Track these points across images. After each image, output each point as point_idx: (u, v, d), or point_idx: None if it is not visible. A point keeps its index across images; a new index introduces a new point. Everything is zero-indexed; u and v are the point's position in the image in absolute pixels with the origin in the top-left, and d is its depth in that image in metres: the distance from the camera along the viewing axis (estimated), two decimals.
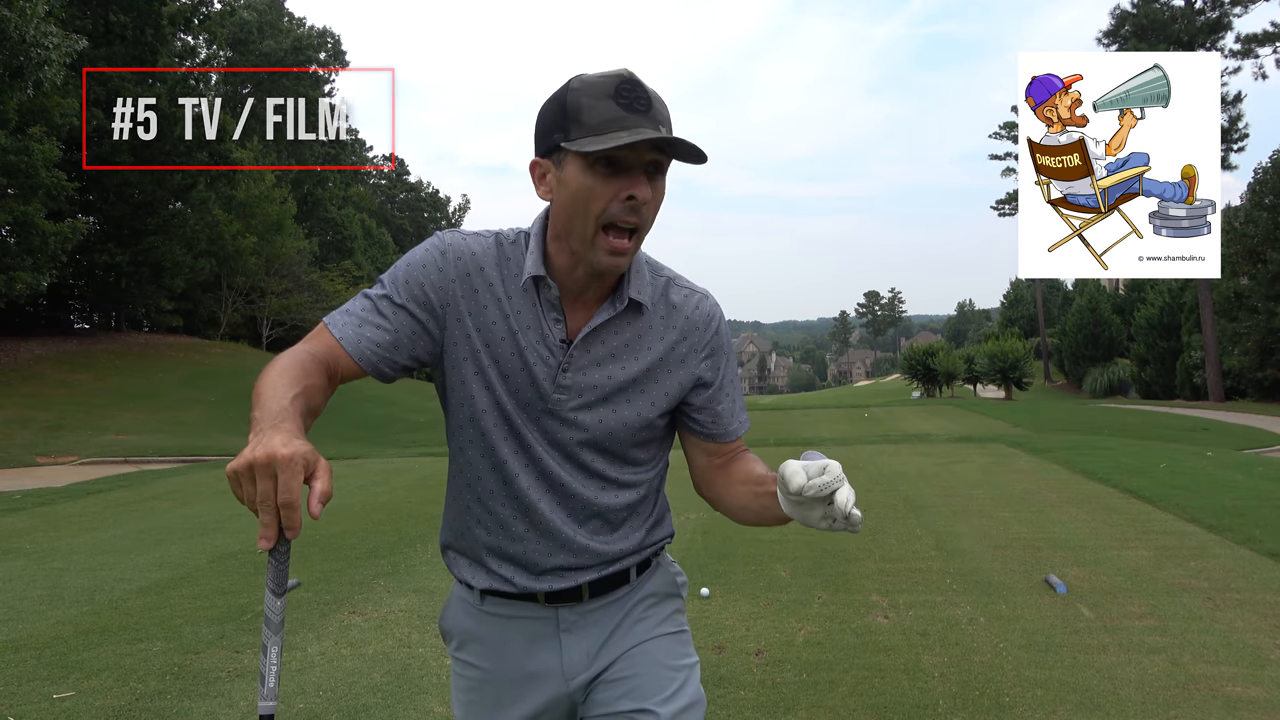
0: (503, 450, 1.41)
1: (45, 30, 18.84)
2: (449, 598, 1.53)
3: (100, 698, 3.58)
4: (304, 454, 1.08)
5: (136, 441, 18.88)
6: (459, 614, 1.50)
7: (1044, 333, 65.03)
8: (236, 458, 1.06)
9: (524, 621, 1.45)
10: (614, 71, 1.29)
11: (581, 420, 1.40)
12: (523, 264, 1.38)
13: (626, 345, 1.41)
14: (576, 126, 1.27)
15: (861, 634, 4.05)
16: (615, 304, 1.39)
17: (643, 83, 1.29)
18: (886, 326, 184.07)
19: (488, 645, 1.47)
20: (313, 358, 1.31)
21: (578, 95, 1.28)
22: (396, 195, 75.50)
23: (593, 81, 1.29)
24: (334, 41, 53.26)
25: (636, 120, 1.26)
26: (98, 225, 31.41)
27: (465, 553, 1.48)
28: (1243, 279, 34.33)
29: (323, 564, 5.86)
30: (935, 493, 7.98)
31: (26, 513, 8.82)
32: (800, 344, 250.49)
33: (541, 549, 1.43)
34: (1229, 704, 3.17)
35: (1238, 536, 5.74)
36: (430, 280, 1.37)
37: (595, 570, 1.46)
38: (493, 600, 1.46)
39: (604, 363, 1.40)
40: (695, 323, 1.46)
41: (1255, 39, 34.97)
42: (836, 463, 1.22)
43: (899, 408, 32.33)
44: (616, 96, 1.26)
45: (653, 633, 1.49)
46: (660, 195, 1.33)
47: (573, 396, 1.39)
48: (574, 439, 1.41)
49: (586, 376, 1.39)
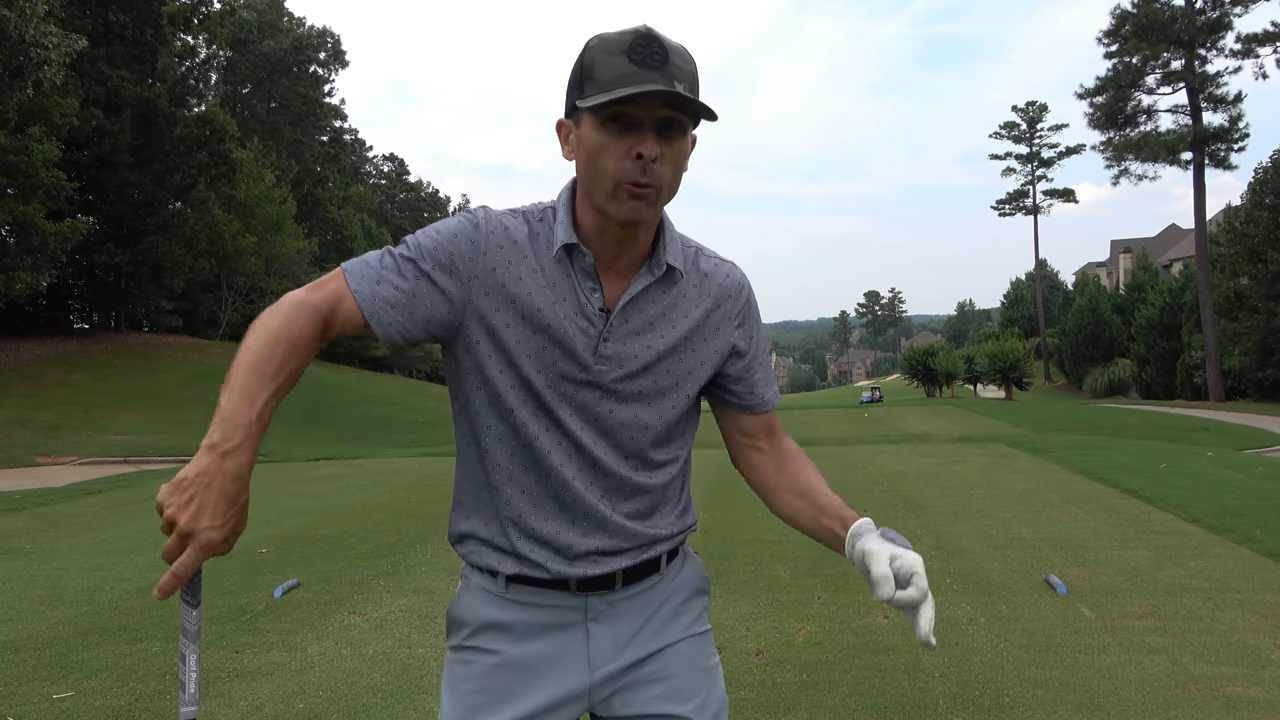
0: (532, 428, 1.35)
1: (45, 30, 18.84)
2: (463, 587, 1.45)
3: (100, 698, 3.57)
4: (221, 544, 1.14)
5: (136, 441, 18.88)
6: (478, 603, 1.41)
7: (1044, 333, 65.04)
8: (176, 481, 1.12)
9: (552, 610, 1.39)
10: (632, 28, 1.26)
11: (622, 391, 1.36)
12: (553, 236, 1.34)
13: (663, 314, 1.38)
14: (590, 84, 1.24)
15: (861, 634, 4.05)
16: (653, 270, 1.35)
17: (660, 37, 1.25)
18: (886, 326, 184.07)
19: (512, 632, 1.39)
20: (312, 318, 1.27)
21: (593, 53, 1.26)
22: (396, 195, 75.53)
23: (609, 39, 1.26)
24: (334, 41, 53.26)
25: (647, 76, 1.22)
26: (98, 225, 31.40)
27: (490, 540, 1.40)
28: (1243, 279, 34.34)
29: (323, 564, 5.86)
30: (935, 493, 7.97)
31: (26, 513, 8.82)
32: (800, 344, 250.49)
33: (576, 531, 1.38)
34: (1229, 704, 3.17)
35: (1238, 536, 5.74)
36: (460, 251, 1.31)
37: (630, 555, 1.41)
38: (519, 588, 1.39)
39: (643, 332, 1.36)
40: (728, 290, 1.45)
41: (1255, 39, 34.97)
42: (920, 564, 1.26)
43: (898, 407, 32.32)
44: (630, 52, 1.23)
45: (687, 632, 1.46)
46: (679, 154, 1.29)
47: (614, 367, 1.35)
48: (612, 412, 1.37)
49: (627, 346, 1.35)
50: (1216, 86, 36.46)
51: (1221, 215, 41.90)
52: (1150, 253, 65.85)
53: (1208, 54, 36.64)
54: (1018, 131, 66.50)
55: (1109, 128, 39.50)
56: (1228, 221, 35.94)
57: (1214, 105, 36.79)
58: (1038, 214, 67.15)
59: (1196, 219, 37.25)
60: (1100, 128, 39.76)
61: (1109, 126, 39.46)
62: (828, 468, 10.79)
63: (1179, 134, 37.01)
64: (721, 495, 8.23)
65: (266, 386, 1.23)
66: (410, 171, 77.68)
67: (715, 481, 9.26)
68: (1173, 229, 76.06)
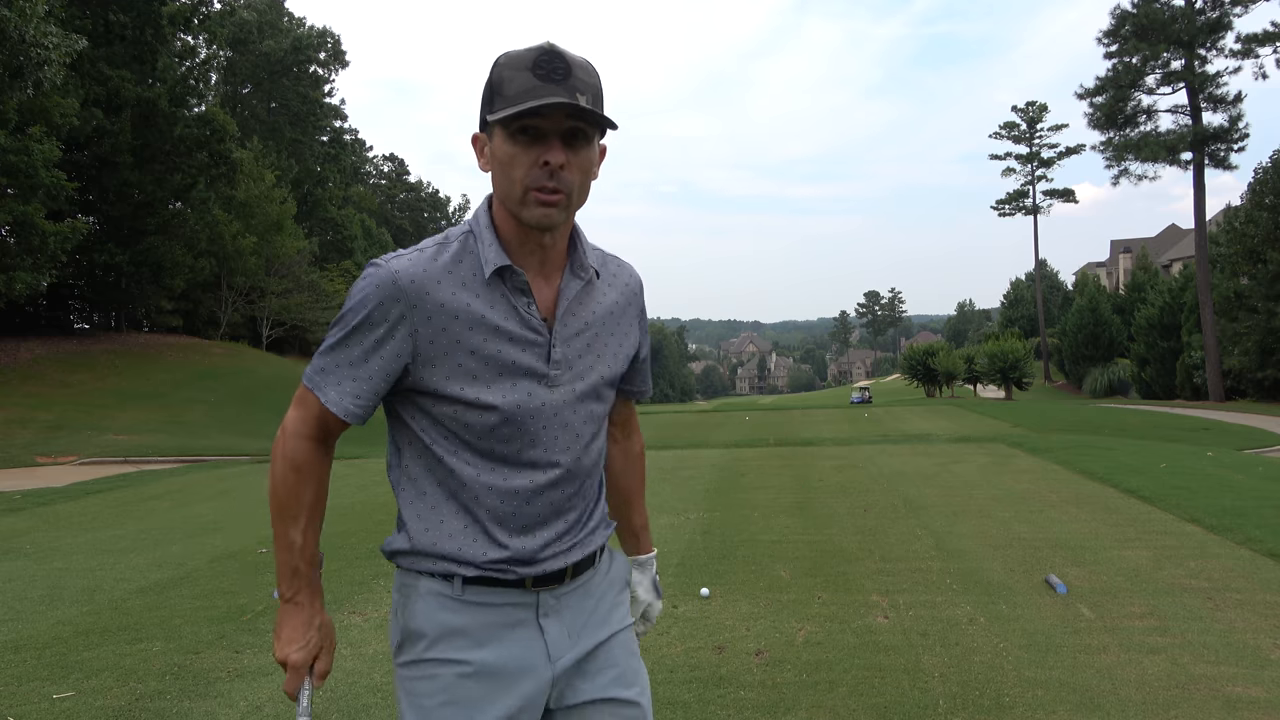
0: (494, 439, 1.42)
1: (45, 30, 18.83)
2: (407, 599, 1.47)
3: (100, 698, 3.58)
4: (315, 658, 1.48)
5: (136, 441, 18.88)
6: (431, 610, 1.43)
7: (1044, 333, 65.02)
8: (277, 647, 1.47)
9: (507, 609, 1.44)
10: (538, 45, 1.34)
11: (575, 390, 1.46)
12: (479, 257, 1.40)
13: (593, 314, 1.50)
14: (499, 99, 1.33)
15: (861, 634, 4.05)
16: (579, 275, 1.46)
17: (563, 53, 1.33)
18: (886, 326, 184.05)
19: (471, 637, 1.42)
20: (308, 442, 1.46)
21: (501, 70, 1.34)
22: (396, 195, 75.49)
23: (516, 56, 1.34)
24: (334, 41, 53.23)
25: (550, 89, 1.30)
26: (98, 225, 31.37)
27: (449, 549, 1.44)
28: (1243, 279, 34.32)
29: (323, 564, 5.85)
30: (935, 493, 7.97)
31: (26, 513, 8.83)
32: (800, 344, 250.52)
33: (533, 529, 1.45)
34: (1229, 704, 3.17)
35: (1238, 536, 5.74)
36: (394, 317, 1.37)
37: (578, 550, 1.49)
38: (476, 589, 1.43)
39: (581, 332, 1.47)
40: (633, 288, 1.59)
41: (1255, 39, 34.96)
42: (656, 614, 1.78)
43: (898, 408, 32.31)
44: (534, 68, 1.31)
45: (623, 623, 1.57)
46: (586, 162, 1.37)
47: (564, 369, 1.44)
48: (565, 411, 1.45)
49: (571, 348, 1.45)
50: (1216, 86, 36.47)
51: (1221, 215, 41.91)
52: (1150, 253, 65.83)
53: (1208, 54, 36.64)
54: (1018, 131, 66.49)
55: (1109, 128, 39.49)
56: (1228, 221, 35.93)
57: (1214, 105, 36.79)
58: (1038, 214, 67.16)
59: (1196, 219, 37.24)
60: (1100, 128, 39.76)
61: (1109, 126, 39.46)
62: (827, 468, 10.80)
63: (1179, 134, 37.00)
64: (721, 495, 8.24)
65: (297, 525, 1.47)
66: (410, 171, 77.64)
67: (715, 482, 9.27)
68: (1173, 229, 76.03)
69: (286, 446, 1.45)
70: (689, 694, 3.40)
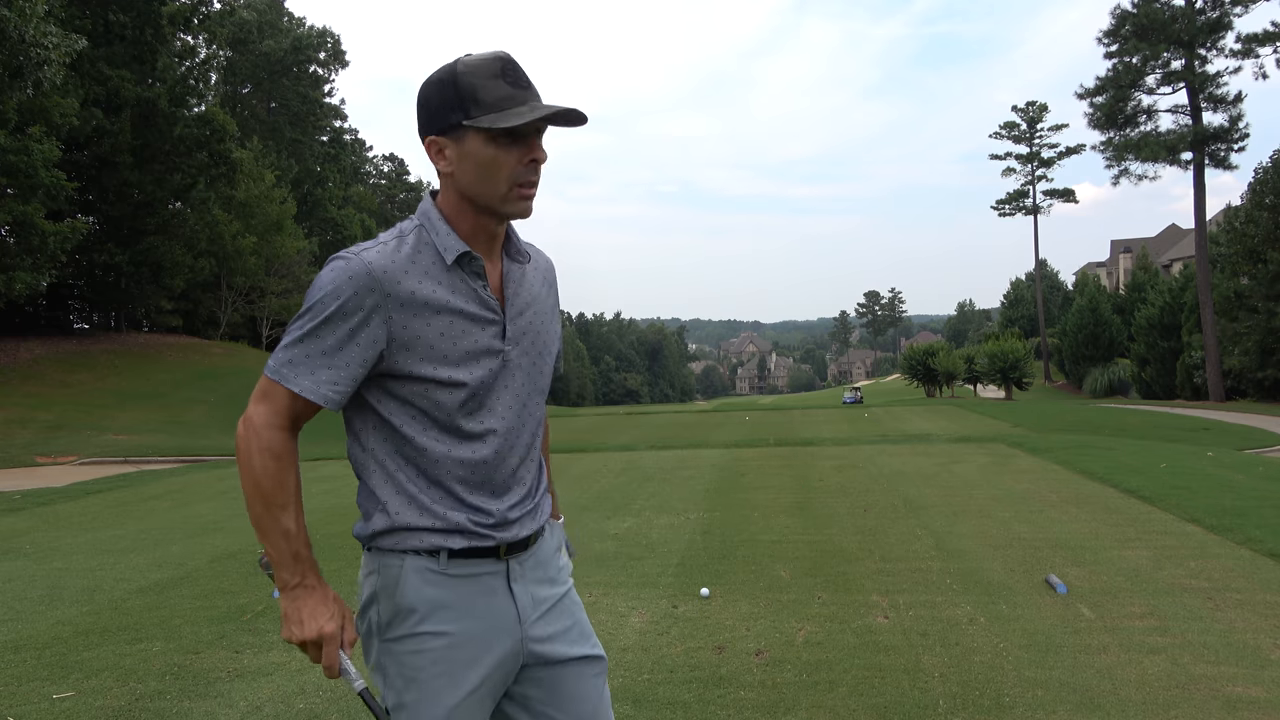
0: (464, 415, 1.52)
1: (45, 30, 18.82)
2: (395, 577, 1.53)
3: (100, 698, 3.58)
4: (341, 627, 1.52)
5: (136, 441, 18.88)
6: (418, 586, 1.52)
7: (1044, 333, 65.02)
8: (286, 629, 1.50)
9: (485, 578, 1.55)
10: (493, 53, 1.47)
11: (523, 364, 1.59)
12: (437, 246, 1.51)
13: (532, 293, 1.63)
14: (475, 105, 1.44)
15: (861, 634, 4.05)
16: (519, 259, 1.61)
17: (517, 61, 1.48)
18: (886, 326, 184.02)
19: (455, 609, 1.53)
20: (285, 438, 1.49)
21: (469, 77, 1.44)
22: (396, 195, 75.47)
23: (478, 64, 1.45)
24: (334, 41, 53.23)
25: (526, 95, 1.46)
26: (98, 225, 31.37)
27: (431, 525, 1.52)
28: (1243, 279, 34.32)
29: (323, 564, 5.82)
30: (935, 493, 7.97)
31: (26, 513, 8.83)
32: (800, 344, 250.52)
33: (505, 499, 1.57)
34: (1229, 704, 3.17)
35: (1238, 536, 5.73)
36: (359, 310, 1.45)
37: (536, 517, 1.63)
38: (459, 562, 1.53)
39: (524, 311, 1.60)
40: (551, 271, 1.73)
41: (1255, 39, 34.96)
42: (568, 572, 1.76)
43: (898, 408, 32.31)
44: (503, 76, 1.45)
45: (569, 582, 1.73)
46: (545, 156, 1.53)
47: (514, 345, 1.57)
48: (523, 384, 1.60)
49: (518, 325, 1.58)
50: (1216, 86, 36.47)
51: (1221, 215, 41.92)
52: (1150, 253, 65.81)
53: (1208, 54, 36.63)
54: (1018, 131, 66.48)
55: (1109, 128, 39.48)
56: (1228, 221, 35.93)
57: (1214, 105, 36.78)
58: (1038, 214, 67.15)
59: (1196, 219, 37.24)
60: (1100, 128, 39.76)
61: (1109, 126, 39.45)
62: (827, 468, 10.78)
63: (1179, 134, 37.00)
64: (721, 495, 8.24)
65: (288, 512, 1.50)
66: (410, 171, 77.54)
67: (715, 482, 9.27)
68: (1173, 229, 76.03)
69: (261, 440, 1.48)
70: (689, 694, 3.40)
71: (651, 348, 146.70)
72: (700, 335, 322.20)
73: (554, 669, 1.62)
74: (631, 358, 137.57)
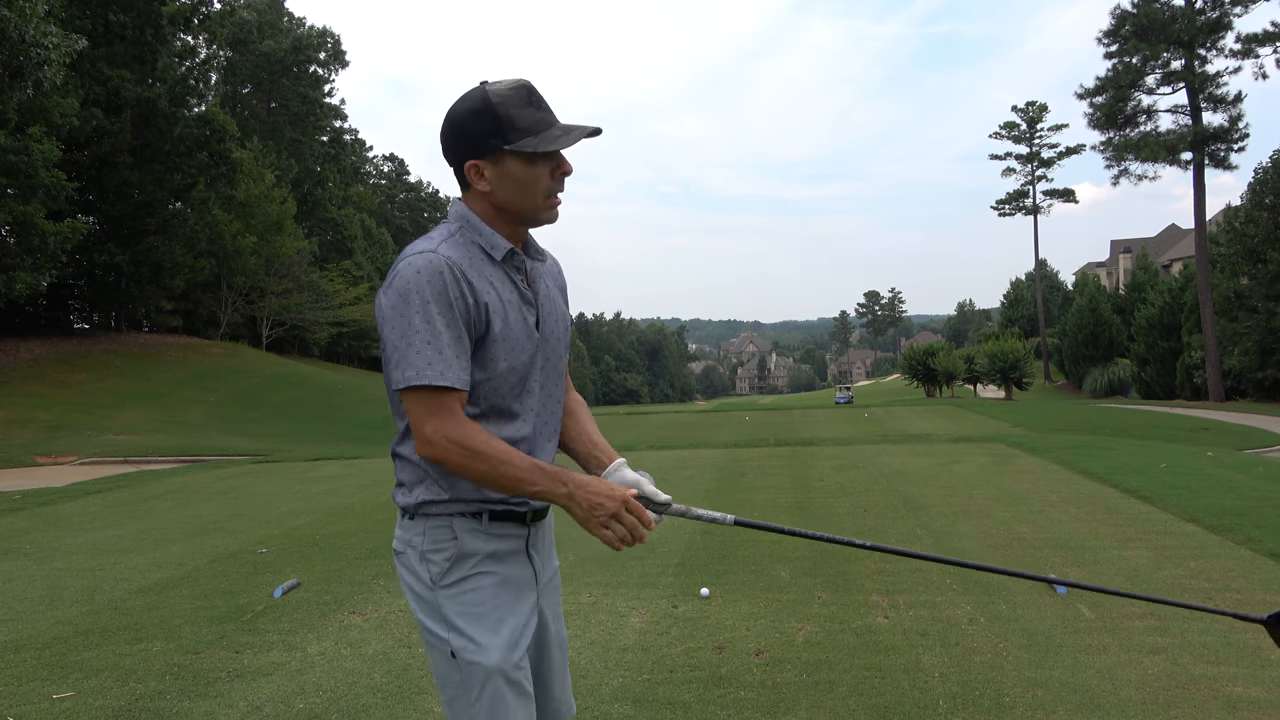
0: (513, 395, 1.73)
1: (45, 30, 18.82)
2: (445, 534, 1.73)
3: (100, 698, 3.58)
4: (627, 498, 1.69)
5: (136, 441, 18.88)
6: (471, 538, 1.73)
7: (1044, 333, 65.00)
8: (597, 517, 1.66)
9: (511, 539, 1.78)
10: (517, 82, 1.65)
11: (547, 352, 1.80)
12: (484, 245, 1.71)
13: (548, 287, 1.85)
14: (514, 131, 1.63)
15: (861, 634, 4.05)
16: (539, 257, 1.83)
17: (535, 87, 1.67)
18: (886, 326, 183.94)
19: (496, 558, 1.76)
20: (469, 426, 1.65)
21: (505, 107, 1.63)
22: (396, 195, 75.48)
23: (510, 94, 1.63)
24: (334, 41, 53.23)
25: (551, 119, 1.66)
26: (98, 225, 31.36)
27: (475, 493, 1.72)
28: (1243, 279, 34.31)
29: (323, 564, 5.86)
30: (935, 493, 7.97)
31: (26, 513, 8.83)
32: (800, 344, 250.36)
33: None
34: (1230, 704, 3.17)
35: (1238, 536, 5.73)
36: (459, 297, 1.64)
37: None
38: (497, 524, 1.75)
39: (544, 304, 1.81)
40: (560, 268, 1.94)
41: (1255, 39, 34.94)
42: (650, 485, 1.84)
43: (898, 408, 32.31)
44: (531, 103, 1.65)
45: (555, 559, 1.97)
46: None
47: (546, 333, 1.79)
48: (546, 370, 1.80)
49: (545, 311, 1.80)
50: (1216, 86, 36.45)
51: (1221, 215, 41.90)
52: (1150, 253, 65.81)
53: (1208, 54, 36.62)
54: (1018, 131, 66.47)
55: (1109, 128, 39.47)
56: (1228, 221, 35.92)
57: (1214, 105, 36.77)
58: (1038, 214, 67.14)
59: (1196, 219, 37.23)
60: (1100, 128, 39.74)
61: (1109, 126, 39.44)
62: (827, 468, 10.76)
63: (1179, 134, 36.98)
64: (721, 495, 8.23)
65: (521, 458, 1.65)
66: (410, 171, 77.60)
67: (715, 482, 9.27)
68: (1173, 229, 76.00)
69: (457, 436, 1.61)
70: (689, 694, 3.40)
71: (651, 348, 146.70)
72: (700, 335, 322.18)
73: (545, 635, 1.88)
74: (631, 358, 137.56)
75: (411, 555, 1.75)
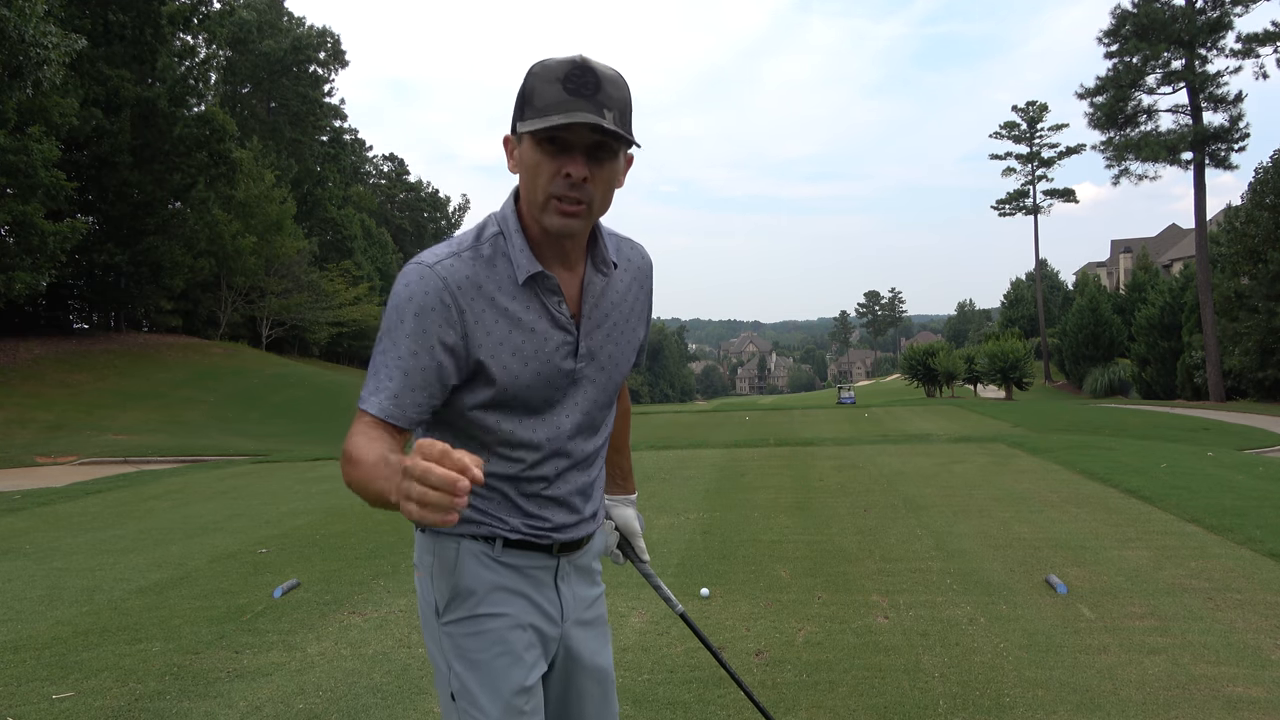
0: (533, 424, 1.53)
1: (44, 30, 18.81)
2: (450, 559, 1.55)
3: (100, 698, 3.57)
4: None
5: (136, 441, 18.88)
6: (475, 569, 1.54)
7: (1044, 333, 64.97)
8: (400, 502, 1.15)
9: (534, 571, 1.58)
10: (569, 57, 1.39)
11: (595, 378, 1.57)
12: (511, 260, 1.47)
13: (613, 304, 1.58)
14: (530, 108, 1.39)
15: (861, 634, 4.05)
16: (602, 270, 1.55)
17: (594, 67, 1.38)
18: (886, 326, 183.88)
19: (509, 591, 1.56)
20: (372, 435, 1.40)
21: (534, 79, 1.40)
22: (396, 195, 75.45)
23: (549, 66, 1.39)
24: (334, 41, 53.22)
25: (578, 104, 1.36)
26: (97, 225, 31.35)
27: (492, 513, 1.55)
28: (1243, 279, 34.29)
29: (323, 564, 5.86)
30: (935, 493, 7.97)
31: (26, 513, 8.83)
32: (800, 344, 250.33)
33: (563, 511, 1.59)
34: (1230, 704, 3.17)
35: (1238, 536, 5.73)
36: (442, 320, 1.42)
37: (592, 521, 1.65)
38: (512, 552, 1.56)
39: (602, 324, 1.56)
40: (644, 269, 1.67)
41: (1256, 39, 34.92)
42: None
43: (898, 407, 32.31)
44: (565, 81, 1.36)
45: (602, 586, 1.74)
46: (609, 175, 1.44)
47: (588, 360, 1.55)
48: (588, 396, 1.57)
49: (594, 340, 1.55)
50: (1217, 86, 36.43)
51: (1221, 215, 41.89)
52: (1150, 253, 65.77)
53: (1208, 54, 36.60)
54: (1018, 131, 66.42)
55: (1109, 128, 39.45)
56: (1228, 221, 35.91)
57: (1214, 105, 36.75)
58: (1038, 214, 67.08)
59: (1197, 219, 37.22)
60: (1100, 128, 39.72)
61: (1109, 126, 39.42)
62: (827, 468, 10.76)
63: (1179, 134, 36.97)
64: (721, 495, 8.23)
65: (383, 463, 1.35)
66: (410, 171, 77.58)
67: (715, 482, 9.26)
68: (1173, 229, 75.98)
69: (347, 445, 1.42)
70: (689, 694, 3.39)
71: (651, 348, 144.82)
72: (700, 335, 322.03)
73: (576, 669, 1.66)
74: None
75: (424, 574, 1.59)
